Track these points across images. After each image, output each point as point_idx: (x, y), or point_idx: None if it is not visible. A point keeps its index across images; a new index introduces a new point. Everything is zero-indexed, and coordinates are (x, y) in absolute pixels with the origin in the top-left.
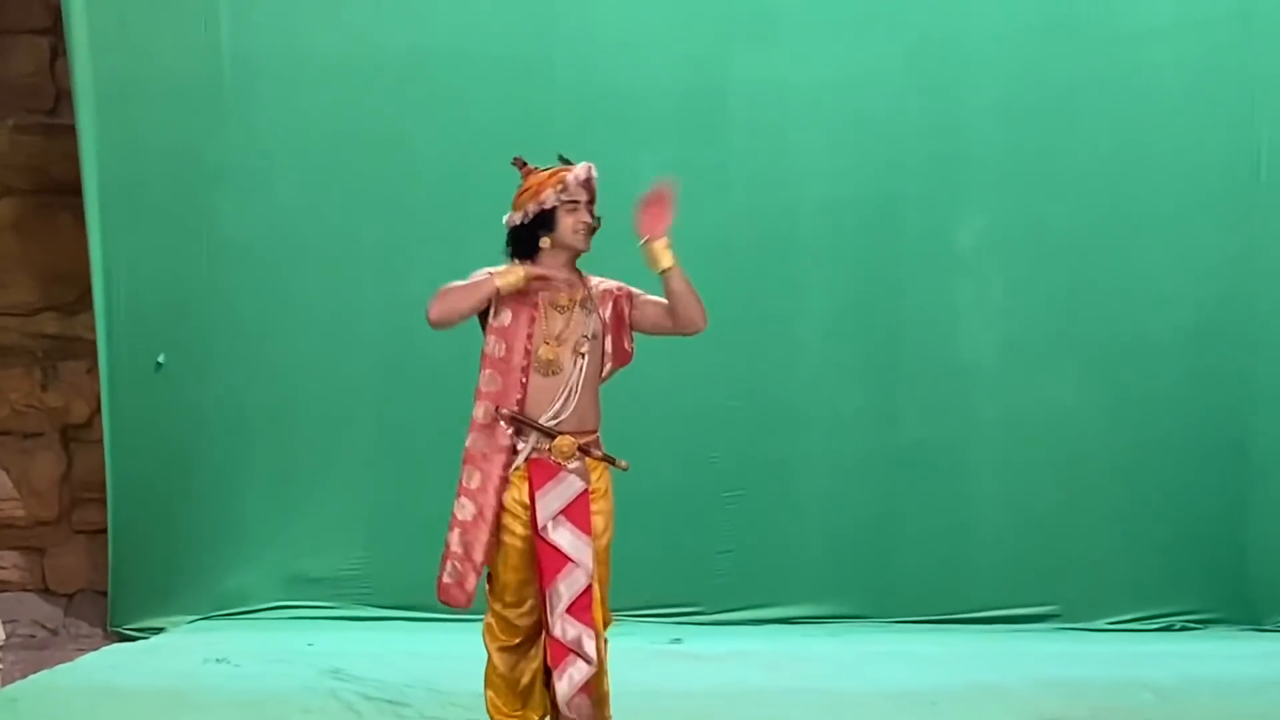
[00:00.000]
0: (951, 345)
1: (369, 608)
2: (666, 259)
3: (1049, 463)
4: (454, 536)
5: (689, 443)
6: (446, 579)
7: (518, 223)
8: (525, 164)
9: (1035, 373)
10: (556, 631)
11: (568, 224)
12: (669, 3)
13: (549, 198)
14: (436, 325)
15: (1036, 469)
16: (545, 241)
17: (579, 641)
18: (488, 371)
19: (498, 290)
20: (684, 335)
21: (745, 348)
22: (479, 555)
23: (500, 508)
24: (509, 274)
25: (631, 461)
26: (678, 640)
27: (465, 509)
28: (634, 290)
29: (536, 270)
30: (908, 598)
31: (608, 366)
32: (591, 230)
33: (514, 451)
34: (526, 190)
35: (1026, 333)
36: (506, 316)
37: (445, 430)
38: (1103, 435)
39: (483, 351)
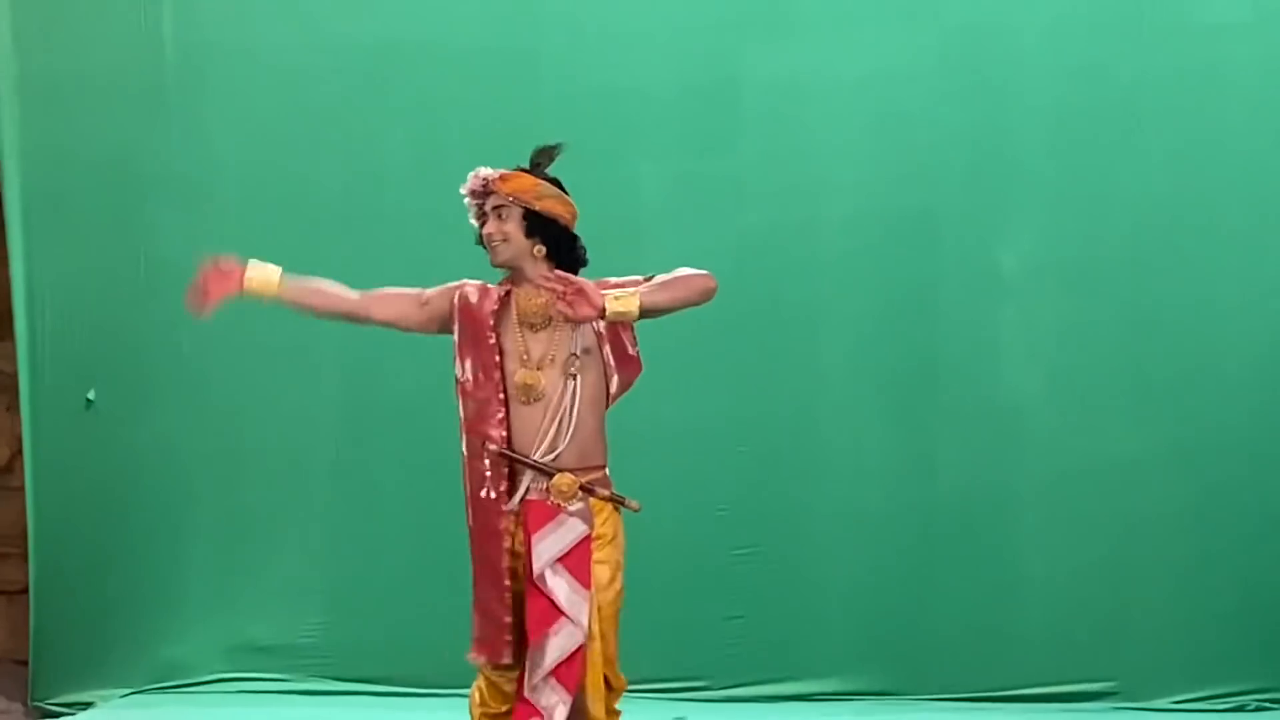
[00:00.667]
0: (994, 382)
1: (326, 680)
2: (631, 306)
3: (1104, 517)
4: (478, 586)
5: (693, 493)
6: (480, 631)
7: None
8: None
9: (1088, 414)
10: (530, 693)
11: (483, 235)
12: None
13: (473, 222)
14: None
15: (1090, 525)
16: None
17: (553, 711)
18: (461, 399)
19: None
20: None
21: (758, 384)
22: (503, 614)
23: (508, 549)
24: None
25: (629, 515)
26: (681, 719)
27: (476, 556)
28: (630, 279)
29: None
30: (944, 671)
31: (614, 381)
32: (499, 241)
33: (496, 489)
34: None
35: (1079, 368)
36: (465, 330)
37: (413, 479)
38: (1165, 486)
39: (455, 377)
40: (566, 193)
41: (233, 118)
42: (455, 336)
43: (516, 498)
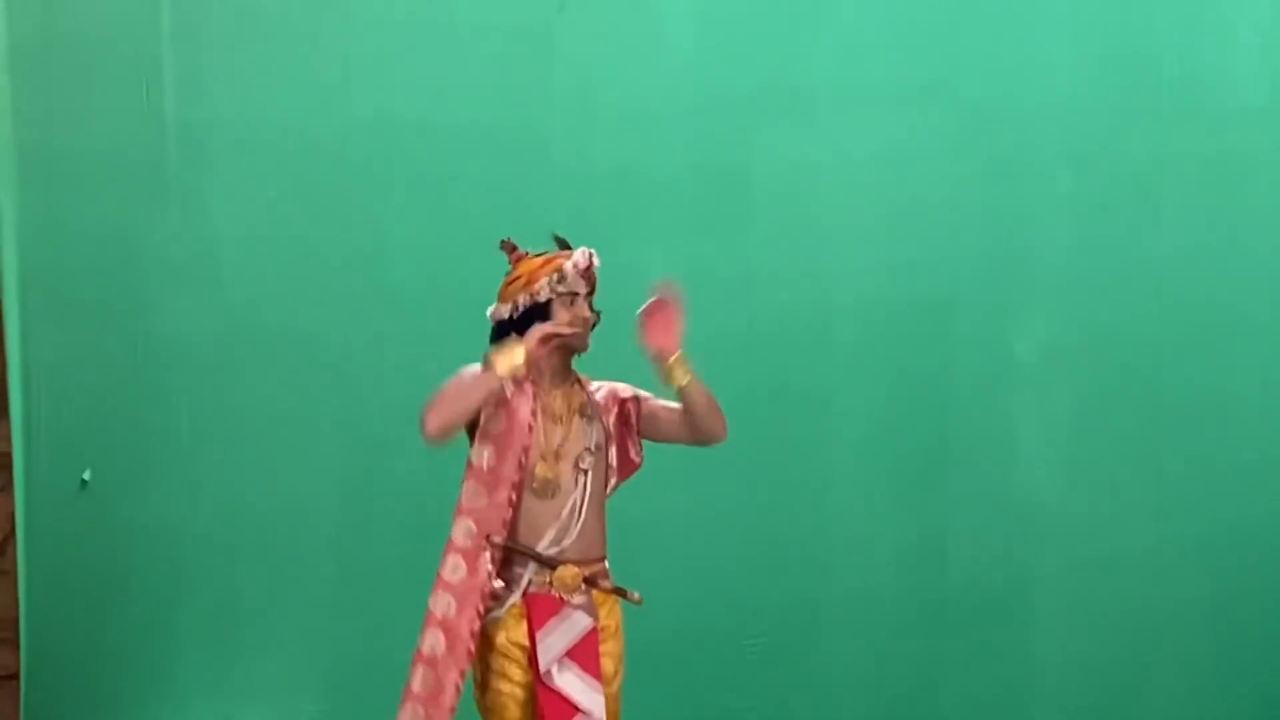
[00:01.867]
0: (1007, 473)
1: None
2: (683, 374)
3: (1120, 609)
4: (416, 674)
5: (701, 582)
6: (421, 708)
7: (505, 317)
8: (515, 248)
9: (1103, 503)
10: None
11: (564, 319)
12: (683, 70)
13: (543, 289)
14: (435, 438)
15: (1105, 616)
16: None
17: None
18: (471, 484)
19: (499, 377)
20: (701, 446)
21: (767, 472)
22: (448, 699)
23: (474, 642)
24: (507, 355)
25: (636, 604)
26: None
27: (432, 642)
28: (640, 393)
29: (540, 332)
30: None
31: (612, 481)
32: (592, 326)
33: (492, 583)
34: (516, 279)
35: (1094, 457)
36: (501, 420)
37: (414, 564)
38: (1182, 578)
39: (468, 460)
40: None
41: (234, 196)
42: (485, 426)
43: (518, 591)
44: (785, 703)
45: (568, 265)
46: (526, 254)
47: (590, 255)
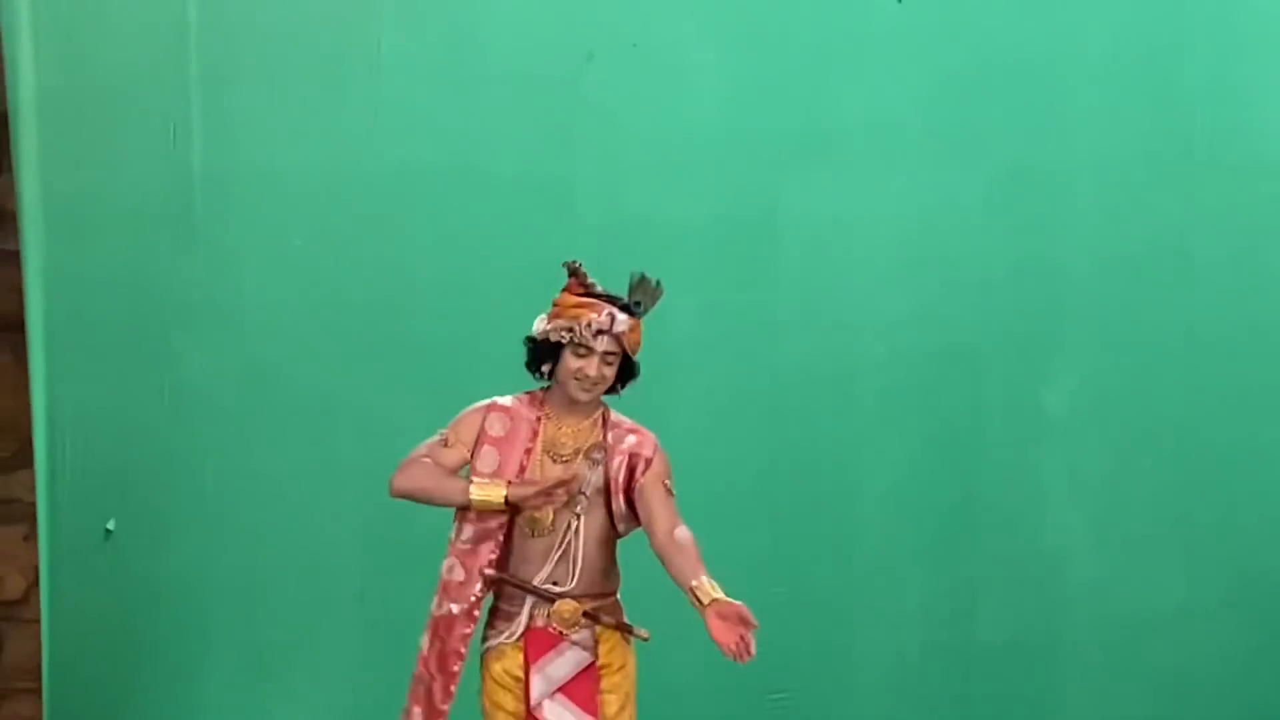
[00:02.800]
0: (1036, 526)
1: None
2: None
3: (1151, 668)
4: (411, 712)
5: None
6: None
7: (534, 335)
8: (576, 271)
9: (1135, 560)
10: None
11: (569, 367)
12: (711, 119)
13: (556, 331)
14: (397, 497)
15: (1136, 675)
16: (548, 367)
17: None
18: (462, 520)
19: (469, 504)
20: None
21: (792, 524)
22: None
23: (453, 674)
24: (487, 490)
25: (659, 657)
26: None
27: (420, 684)
28: (657, 460)
29: (521, 492)
30: None
31: (621, 527)
32: (595, 383)
33: (493, 614)
34: (557, 305)
35: (1125, 512)
36: (493, 460)
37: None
38: (1215, 637)
39: None
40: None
41: (259, 244)
42: (474, 463)
43: (519, 624)
44: None
45: (583, 322)
46: (582, 282)
47: (611, 319)
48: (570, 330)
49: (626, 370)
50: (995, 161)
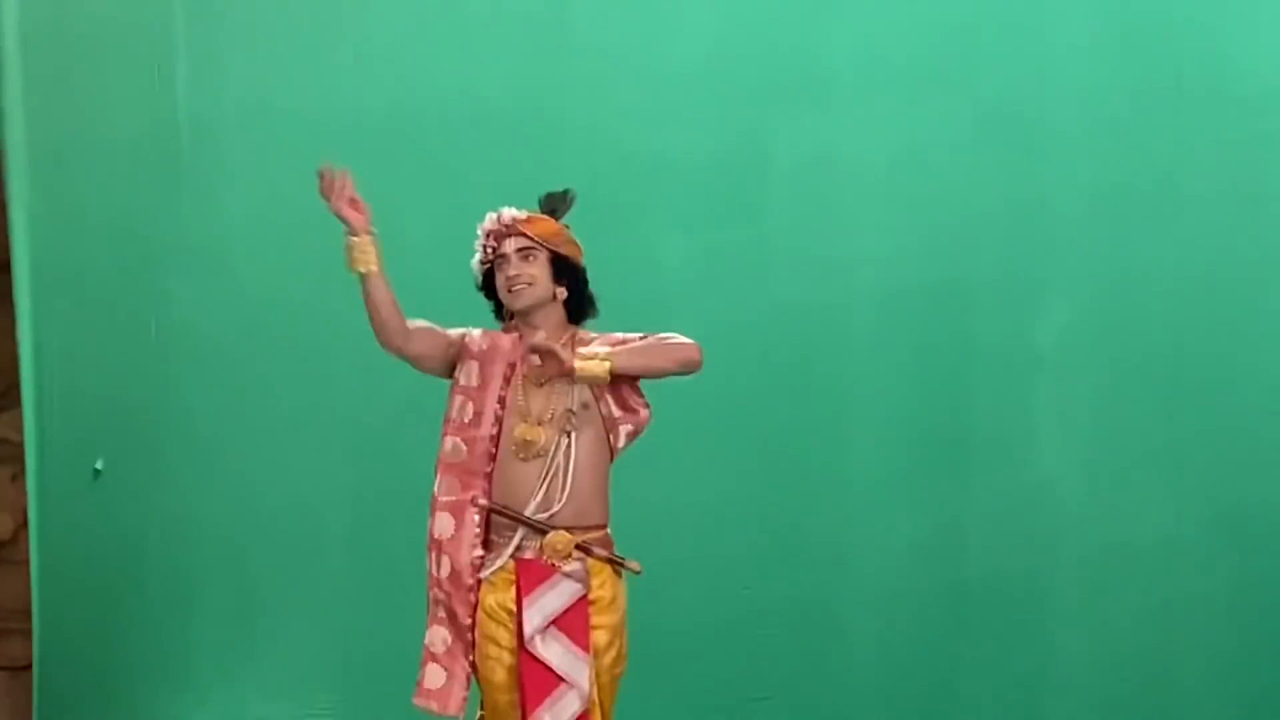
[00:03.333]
0: (1027, 463)
1: None
2: (600, 369)
3: (1141, 597)
4: (434, 633)
5: (719, 571)
6: (428, 684)
7: (477, 285)
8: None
9: (1124, 492)
10: None
11: (501, 286)
12: (701, 60)
13: (476, 264)
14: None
15: (1126, 604)
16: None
17: None
18: (450, 439)
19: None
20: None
21: (785, 463)
22: (463, 667)
23: (475, 605)
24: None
25: (651, 594)
26: None
27: (439, 605)
28: (628, 335)
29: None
30: None
31: (619, 434)
32: (521, 282)
33: (485, 544)
34: None
35: (1114, 445)
36: (474, 372)
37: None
38: (1204, 565)
39: (445, 414)
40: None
41: (247, 185)
42: (457, 377)
43: (505, 554)
44: (803, 693)
45: (480, 233)
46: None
47: (494, 216)
48: (481, 250)
49: (571, 280)
50: (984, 98)
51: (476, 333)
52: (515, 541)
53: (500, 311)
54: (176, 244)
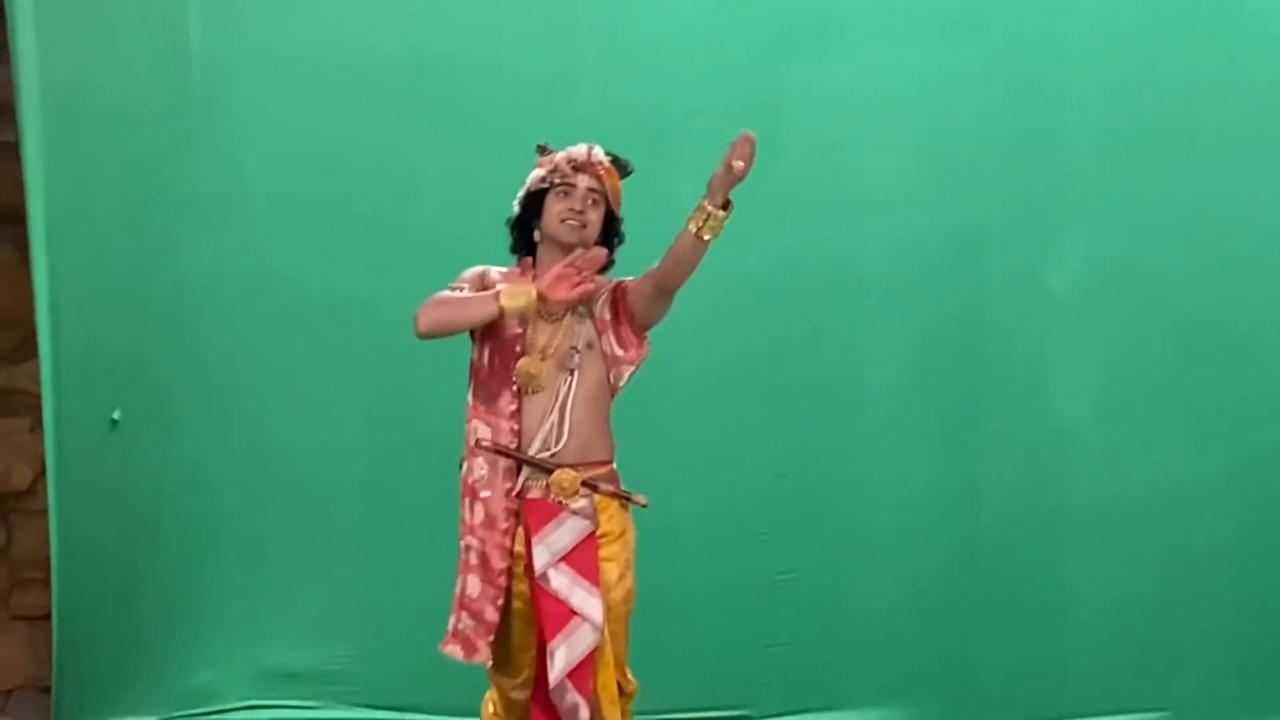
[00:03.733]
0: (1041, 405)
1: (355, 708)
2: (712, 229)
3: (1156, 543)
4: (465, 581)
5: (733, 517)
6: (460, 625)
7: (515, 213)
8: (547, 149)
9: (1139, 438)
10: (556, 699)
11: (554, 211)
12: (711, 4)
13: (536, 179)
14: (425, 338)
15: (1141, 551)
16: (537, 233)
17: (574, 712)
18: (475, 384)
19: (501, 311)
20: (665, 296)
21: (799, 407)
22: (492, 614)
23: (510, 551)
24: (517, 294)
25: (665, 539)
26: None
27: (471, 551)
28: (629, 280)
29: (546, 280)
30: (991, 701)
31: (620, 372)
32: (581, 221)
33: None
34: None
35: (1130, 391)
36: (502, 278)
37: (444, 503)
38: (1219, 512)
39: (471, 360)
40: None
41: (261, 134)
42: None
43: (514, 491)
44: (816, 639)
45: (561, 156)
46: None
47: (590, 149)
48: (552, 171)
49: (611, 231)
50: (996, 40)
51: (495, 274)
52: (522, 481)
53: (517, 245)
54: (192, 193)
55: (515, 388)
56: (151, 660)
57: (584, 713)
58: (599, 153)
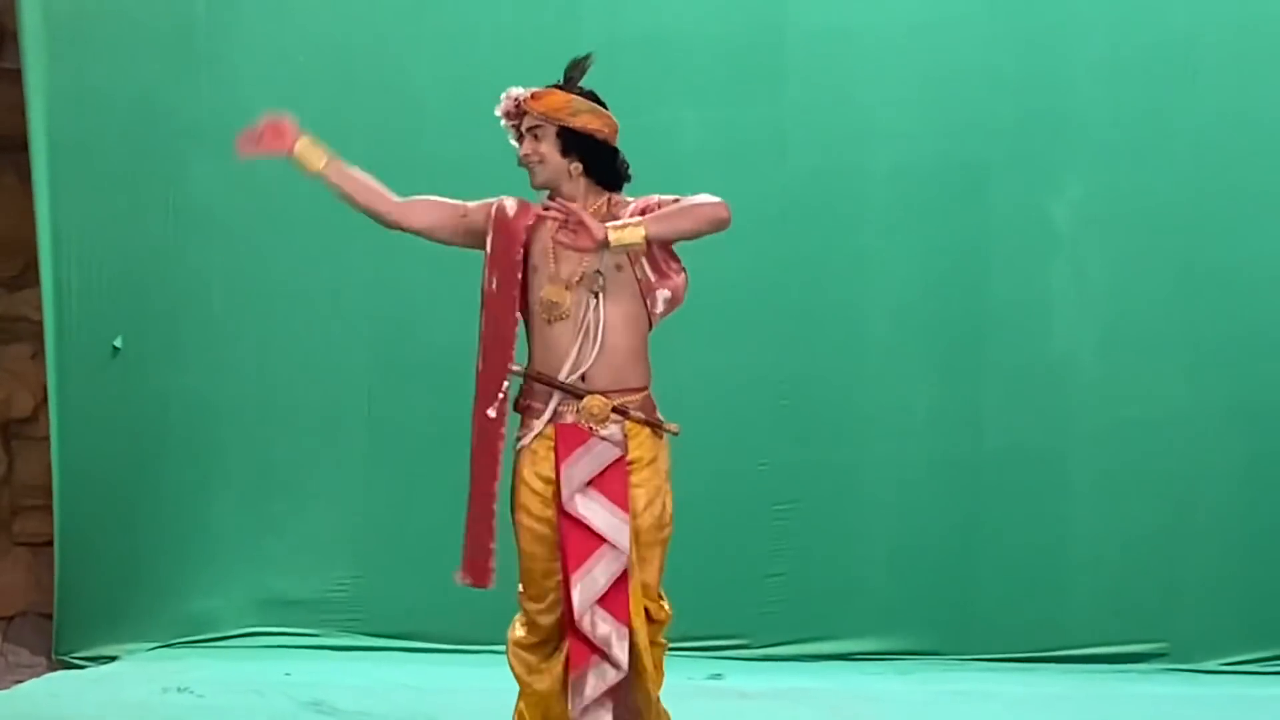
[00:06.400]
0: (1043, 337)
1: (356, 636)
2: (635, 236)
3: (1156, 475)
4: (473, 507)
5: (734, 447)
6: (469, 559)
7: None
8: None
9: (1141, 370)
10: (582, 626)
11: (520, 156)
12: None
13: (511, 139)
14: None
15: (1142, 482)
16: None
17: (608, 641)
18: (484, 314)
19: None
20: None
21: (801, 337)
22: (488, 536)
23: (495, 477)
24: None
25: (673, 434)
26: (718, 675)
27: (472, 478)
28: (661, 198)
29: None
30: (989, 632)
31: (656, 298)
32: (533, 161)
33: (526, 410)
34: None
35: (1131, 322)
36: (500, 241)
37: (445, 432)
38: (1219, 443)
39: (481, 286)
40: (604, 106)
41: (264, 61)
42: (488, 249)
43: (543, 420)
44: (817, 568)
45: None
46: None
47: (507, 96)
48: (512, 133)
49: (584, 151)
50: None
51: (510, 202)
52: (552, 407)
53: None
54: (193, 122)
55: (518, 315)
56: (153, 587)
57: (617, 640)
58: (514, 92)
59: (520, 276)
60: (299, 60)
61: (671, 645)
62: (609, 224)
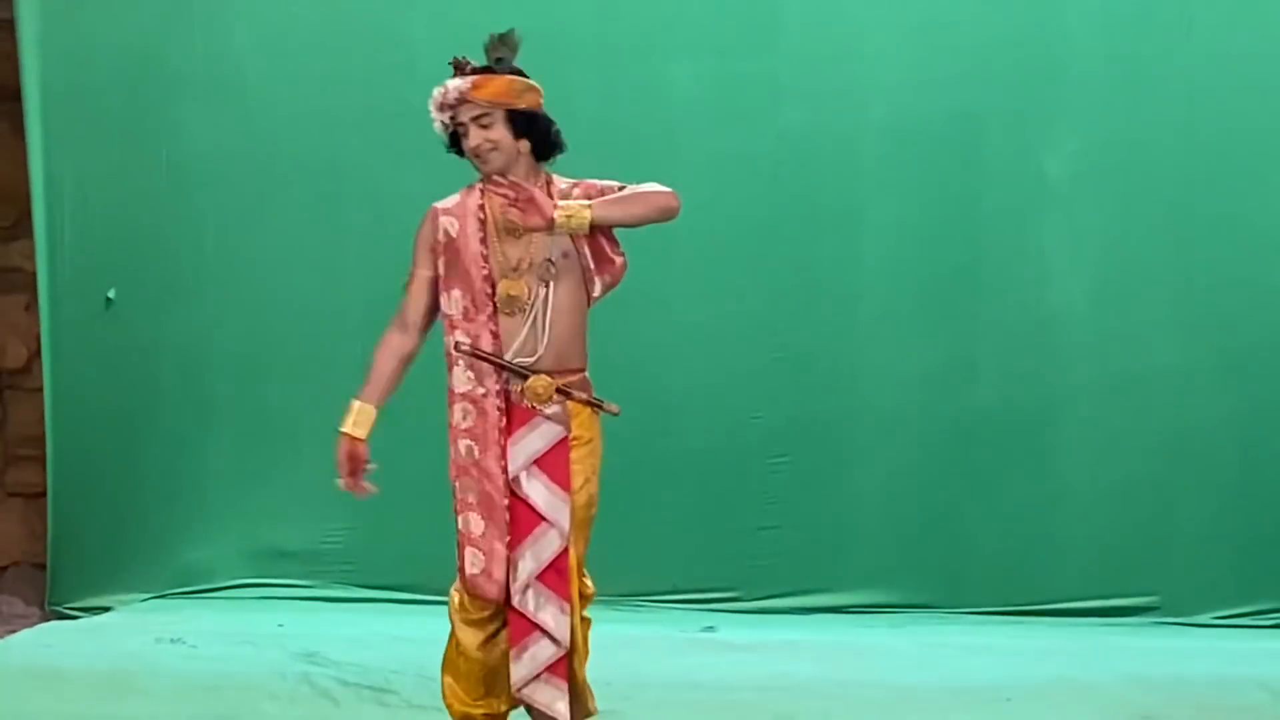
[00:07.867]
0: (1037, 291)
1: (349, 587)
2: (581, 218)
3: (1149, 430)
4: (467, 519)
5: (726, 400)
6: (470, 568)
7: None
8: (458, 64)
9: (1134, 324)
10: (521, 604)
11: (467, 150)
12: None
13: (439, 129)
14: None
15: (1134, 437)
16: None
17: (549, 622)
18: (455, 292)
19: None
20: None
21: (794, 291)
22: (501, 549)
23: (505, 467)
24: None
25: (661, 422)
26: (710, 628)
27: (469, 491)
28: (610, 185)
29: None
30: (981, 585)
31: (595, 284)
32: (484, 150)
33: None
34: None
35: (1125, 277)
36: (457, 265)
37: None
38: (1212, 399)
39: (443, 313)
40: (528, 76)
41: (259, 10)
42: (441, 271)
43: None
44: (809, 522)
45: (432, 107)
46: (461, 70)
47: (443, 91)
48: (437, 123)
49: (531, 130)
50: None
51: (444, 218)
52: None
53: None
54: (187, 72)
55: (492, 312)
56: (146, 537)
57: (560, 618)
58: (454, 84)
59: (490, 292)
60: (293, 9)
61: (664, 598)
62: (556, 205)
